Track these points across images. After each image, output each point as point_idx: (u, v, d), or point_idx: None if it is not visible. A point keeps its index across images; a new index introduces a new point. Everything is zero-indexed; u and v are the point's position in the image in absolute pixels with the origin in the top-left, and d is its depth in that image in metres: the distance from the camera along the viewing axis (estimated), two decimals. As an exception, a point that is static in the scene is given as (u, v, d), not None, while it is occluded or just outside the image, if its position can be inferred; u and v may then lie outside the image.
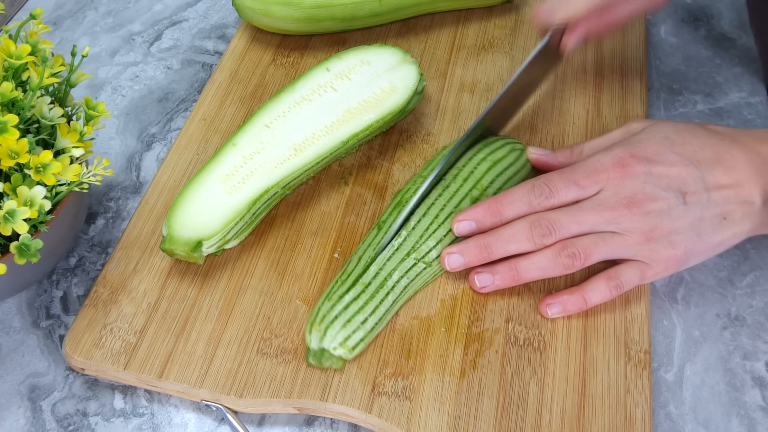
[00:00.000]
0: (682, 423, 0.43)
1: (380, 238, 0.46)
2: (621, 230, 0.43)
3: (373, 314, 0.43)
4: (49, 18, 0.65)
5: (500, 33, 0.61)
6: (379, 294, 0.43)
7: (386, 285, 0.44)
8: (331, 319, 0.42)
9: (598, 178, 0.43)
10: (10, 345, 0.46)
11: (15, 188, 0.38)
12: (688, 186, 0.42)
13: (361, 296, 0.43)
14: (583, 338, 0.44)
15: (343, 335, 0.42)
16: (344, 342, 0.42)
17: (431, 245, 0.45)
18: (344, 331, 0.42)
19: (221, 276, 0.47)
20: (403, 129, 0.54)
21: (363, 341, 0.42)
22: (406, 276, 0.44)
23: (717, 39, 0.64)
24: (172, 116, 0.58)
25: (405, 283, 0.44)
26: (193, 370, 0.43)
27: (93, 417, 0.44)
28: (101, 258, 0.50)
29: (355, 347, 0.42)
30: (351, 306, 0.43)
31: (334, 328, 0.42)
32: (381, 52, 0.51)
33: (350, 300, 0.43)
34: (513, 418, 0.41)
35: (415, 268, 0.45)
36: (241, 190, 0.46)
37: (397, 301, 0.44)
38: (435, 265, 0.45)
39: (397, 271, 0.44)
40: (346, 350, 0.42)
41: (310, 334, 0.42)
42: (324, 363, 0.42)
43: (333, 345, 0.42)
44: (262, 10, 0.56)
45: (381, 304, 0.43)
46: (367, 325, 0.43)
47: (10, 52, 0.41)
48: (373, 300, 0.43)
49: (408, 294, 0.45)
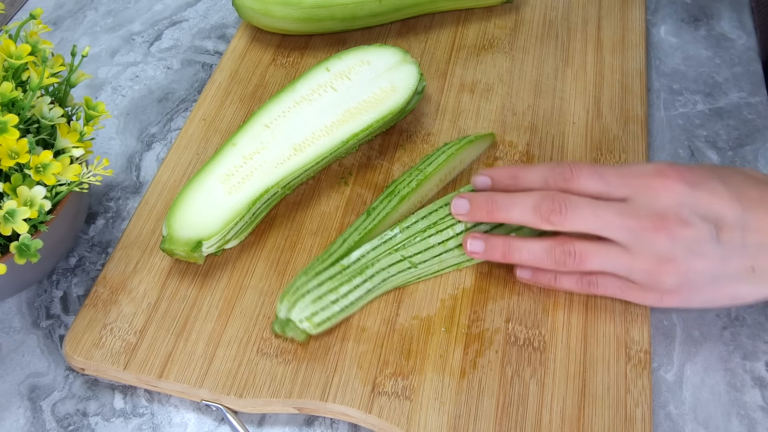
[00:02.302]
0: (682, 423, 0.43)
1: (368, 224, 0.46)
2: (635, 247, 0.38)
3: (345, 297, 0.43)
4: (49, 18, 0.65)
5: (500, 33, 0.61)
6: (356, 279, 0.44)
7: (365, 273, 0.44)
8: (303, 293, 0.43)
9: (631, 181, 0.39)
10: (10, 345, 0.46)
11: (15, 188, 0.38)
12: (726, 221, 0.37)
13: (337, 277, 0.43)
14: (583, 338, 0.44)
15: (311, 310, 0.42)
16: (311, 317, 0.42)
17: (421, 249, 0.45)
18: (313, 306, 0.42)
19: (221, 276, 0.47)
20: (403, 129, 0.54)
21: (329, 320, 0.43)
22: (388, 270, 0.44)
23: (717, 39, 0.64)
24: (172, 116, 0.58)
25: (384, 276, 0.44)
26: (193, 370, 0.43)
27: (93, 417, 0.44)
28: (101, 258, 0.50)
29: (321, 324, 0.42)
30: (325, 284, 0.43)
31: (303, 302, 0.42)
32: (381, 52, 0.51)
33: (326, 278, 0.43)
34: (513, 418, 0.41)
35: (399, 264, 0.45)
36: (241, 190, 0.46)
37: (371, 291, 0.44)
38: (420, 267, 0.45)
39: (380, 262, 0.44)
40: (311, 325, 0.42)
41: (280, 303, 0.43)
42: (287, 333, 0.42)
43: (299, 317, 0.42)
44: (262, 10, 0.56)
45: (355, 290, 0.43)
46: (336, 306, 0.43)
47: (10, 52, 0.41)
48: (349, 283, 0.43)
49: (384, 288, 0.45)
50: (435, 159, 0.49)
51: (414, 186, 0.48)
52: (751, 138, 0.56)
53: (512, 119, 0.55)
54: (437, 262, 0.45)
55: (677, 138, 0.57)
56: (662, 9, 0.66)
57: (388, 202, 0.47)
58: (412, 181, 0.48)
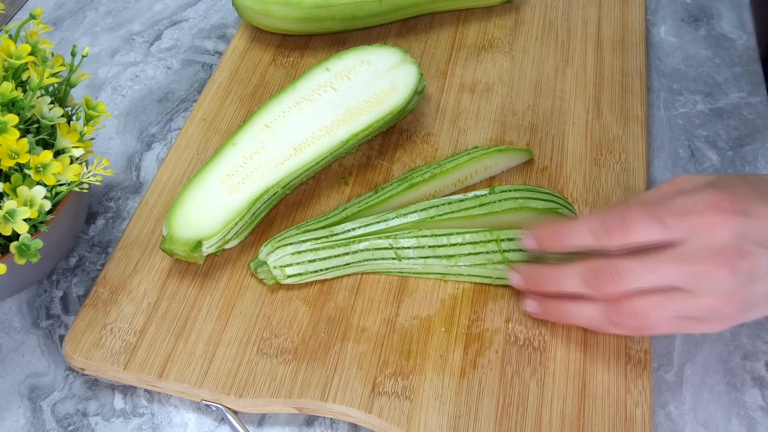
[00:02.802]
0: (682, 423, 0.43)
1: (371, 200, 0.47)
2: (698, 289, 0.37)
3: (322, 261, 0.45)
4: (49, 18, 0.65)
5: (500, 33, 0.61)
6: (338, 249, 0.45)
7: (350, 246, 0.45)
8: (285, 243, 0.45)
9: (690, 222, 0.36)
10: (10, 345, 0.46)
11: (15, 188, 0.38)
12: None
13: (322, 240, 0.45)
14: (583, 338, 0.44)
15: (287, 261, 0.44)
16: (284, 267, 0.44)
17: (411, 243, 0.45)
18: (290, 258, 0.44)
19: (221, 276, 0.47)
20: (403, 129, 0.54)
21: (300, 276, 0.45)
22: (372, 252, 0.45)
23: (717, 39, 0.64)
24: (172, 116, 0.58)
25: (367, 257, 0.45)
26: (193, 370, 0.43)
27: (93, 417, 0.44)
28: (101, 258, 0.50)
29: (291, 277, 0.45)
30: (308, 242, 0.45)
31: (283, 251, 0.44)
32: (381, 52, 0.51)
33: (311, 238, 0.45)
34: (513, 418, 0.41)
35: (384, 251, 0.45)
36: (241, 190, 0.46)
37: (350, 266, 0.45)
38: (404, 262, 0.45)
39: (367, 242, 0.45)
40: (282, 275, 0.45)
41: (265, 246, 0.45)
42: (259, 273, 0.45)
43: (274, 263, 0.44)
44: (262, 10, 0.56)
45: (335, 258, 0.45)
46: (311, 266, 0.45)
47: (10, 52, 0.41)
48: (331, 250, 0.45)
49: (363, 268, 0.46)
50: (458, 158, 0.49)
51: (427, 177, 0.48)
52: (751, 138, 0.56)
53: (512, 119, 0.55)
54: (422, 264, 0.45)
55: (677, 138, 0.57)
56: (662, 9, 0.66)
57: (398, 185, 0.48)
58: (426, 172, 0.48)
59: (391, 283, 0.46)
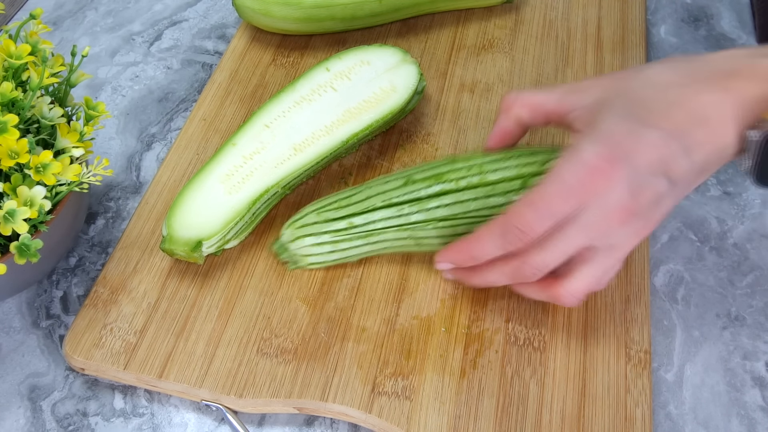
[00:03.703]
0: (682, 423, 0.43)
1: (400, 192, 0.44)
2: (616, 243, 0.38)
3: (343, 252, 0.46)
4: (49, 18, 0.65)
5: (500, 33, 0.61)
6: (358, 241, 0.45)
7: (369, 238, 0.45)
8: (306, 233, 0.45)
9: (577, 197, 0.37)
10: (10, 345, 0.46)
11: (15, 188, 0.39)
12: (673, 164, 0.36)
13: (342, 232, 0.45)
14: (583, 338, 0.44)
15: (306, 251, 0.46)
16: (305, 256, 0.46)
17: (432, 234, 0.44)
18: (311, 249, 0.45)
19: (221, 276, 0.47)
20: (403, 129, 0.54)
21: (322, 264, 0.47)
22: (391, 242, 0.45)
23: (717, 39, 0.63)
24: (172, 116, 0.58)
25: (386, 246, 0.45)
26: (193, 370, 0.43)
27: (93, 417, 0.44)
28: (101, 258, 0.50)
29: (313, 265, 0.46)
30: (328, 234, 0.45)
31: (304, 241, 0.45)
32: (381, 52, 0.51)
33: (331, 230, 0.45)
34: (513, 418, 0.41)
35: (405, 242, 0.45)
36: (241, 190, 0.46)
37: (369, 253, 0.46)
38: (423, 245, 0.45)
39: (387, 234, 0.45)
40: (304, 262, 0.46)
41: (286, 229, 0.46)
42: (282, 256, 0.46)
43: (295, 251, 0.46)
44: (262, 10, 0.56)
45: (355, 248, 0.46)
46: (332, 256, 0.46)
47: (10, 52, 0.41)
48: (350, 242, 0.45)
49: (383, 252, 0.47)
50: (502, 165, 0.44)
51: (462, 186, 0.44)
52: (751, 138, 0.56)
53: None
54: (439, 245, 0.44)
55: (677, 138, 0.57)
56: (662, 9, 0.66)
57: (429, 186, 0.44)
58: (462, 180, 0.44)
59: (391, 283, 0.46)
